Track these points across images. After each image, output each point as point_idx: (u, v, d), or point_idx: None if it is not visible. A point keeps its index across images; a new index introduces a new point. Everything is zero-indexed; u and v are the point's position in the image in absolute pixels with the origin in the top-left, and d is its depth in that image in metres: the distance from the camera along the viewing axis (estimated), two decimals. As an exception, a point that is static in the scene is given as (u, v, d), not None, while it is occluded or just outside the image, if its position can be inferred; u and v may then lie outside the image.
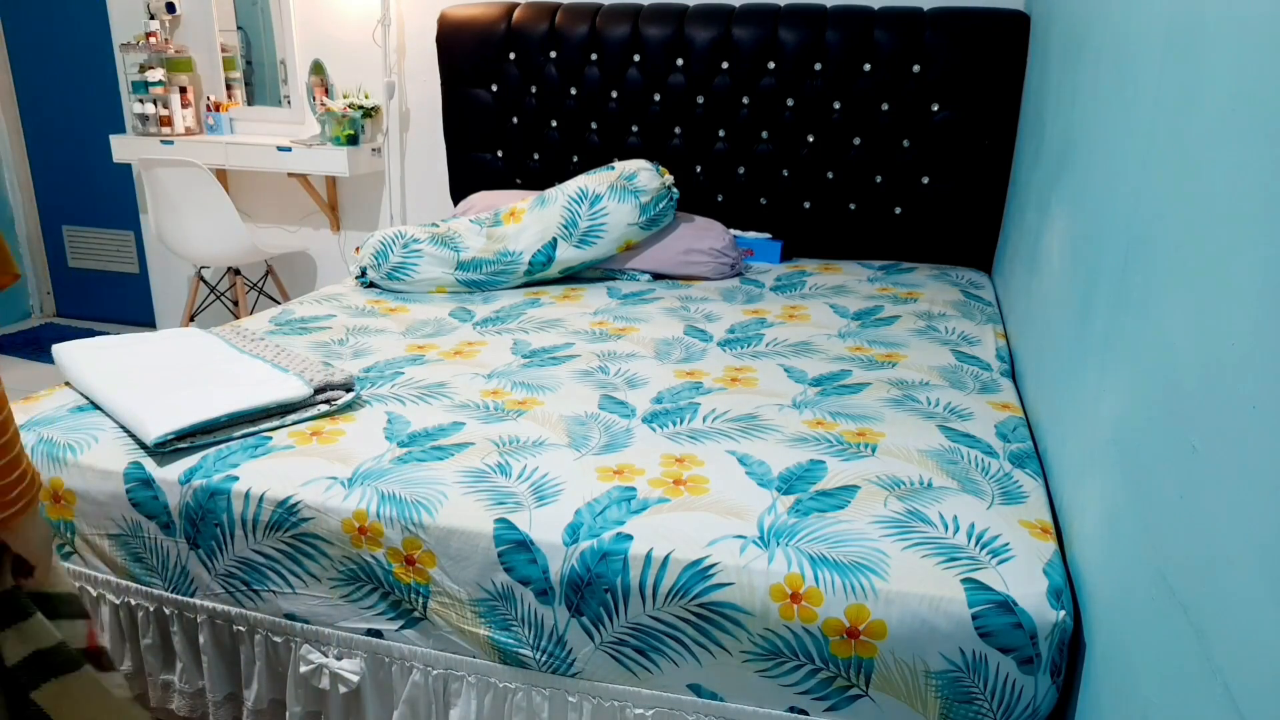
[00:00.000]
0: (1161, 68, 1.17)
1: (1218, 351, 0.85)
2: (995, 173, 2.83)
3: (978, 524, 1.35)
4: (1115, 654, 1.08)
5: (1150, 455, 1.02)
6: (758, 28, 2.92)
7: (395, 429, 1.65)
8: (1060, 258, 1.73)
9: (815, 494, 1.43)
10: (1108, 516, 1.17)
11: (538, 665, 1.39)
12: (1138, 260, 1.16)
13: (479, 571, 1.38)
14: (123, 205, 4.21)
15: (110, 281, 4.44)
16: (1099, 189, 1.46)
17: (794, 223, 3.08)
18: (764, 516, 1.37)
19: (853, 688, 1.27)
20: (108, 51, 3.92)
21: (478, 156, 3.36)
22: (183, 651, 1.61)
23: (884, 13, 2.86)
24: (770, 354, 2.10)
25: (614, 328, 2.28)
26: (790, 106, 2.95)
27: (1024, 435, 1.68)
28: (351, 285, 2.73)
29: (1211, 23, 0.98)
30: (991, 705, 1.23)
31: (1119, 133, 1.36)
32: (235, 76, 3.82)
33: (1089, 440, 1.32)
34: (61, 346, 1.90)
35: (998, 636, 1.20)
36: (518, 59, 3.18)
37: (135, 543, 1.58)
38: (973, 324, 2.32)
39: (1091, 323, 1.39)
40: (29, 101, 4.29)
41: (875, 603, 1.24)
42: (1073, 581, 1.30)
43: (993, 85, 2.77)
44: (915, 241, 3.00)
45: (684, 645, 1.31)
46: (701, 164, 3.10)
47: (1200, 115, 0.99)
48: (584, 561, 1.33)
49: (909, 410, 1.76)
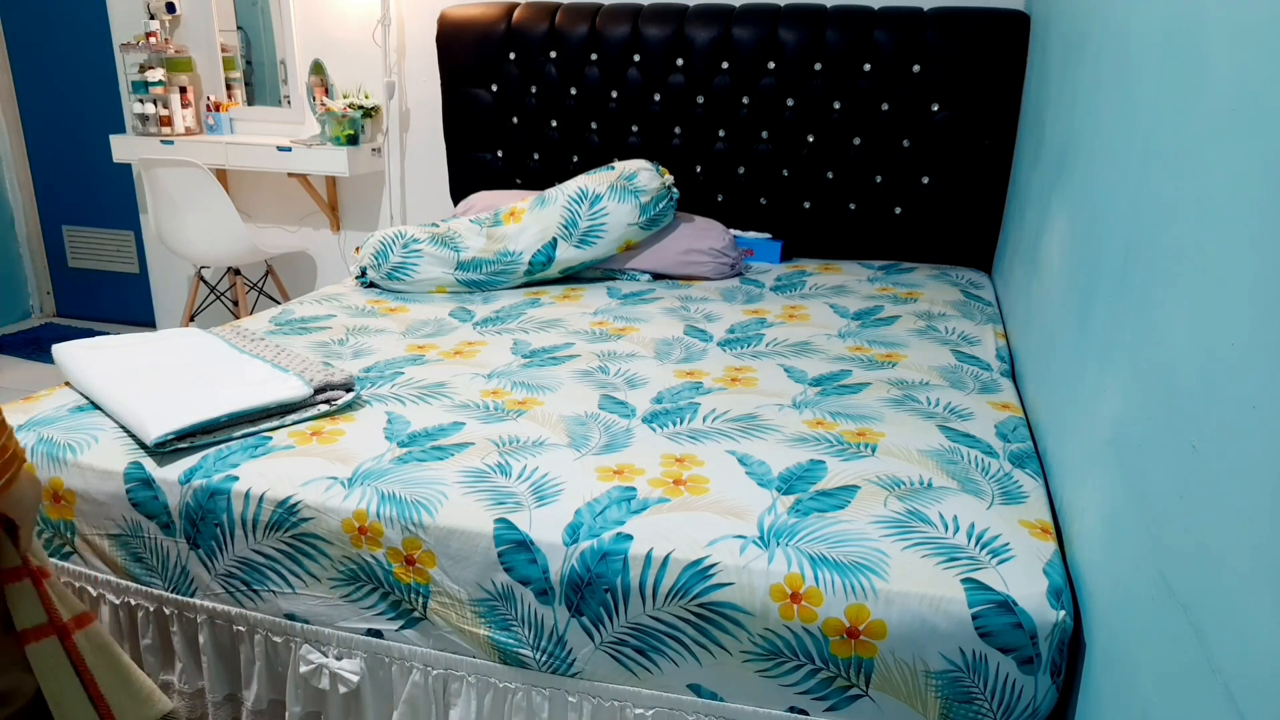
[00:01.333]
0: (1161, 68, 1.17)
1: (1218, 351, 0.85)
2: (995, 173, 2.83)
3: (978, 524, 1.35)
4: (1115, 654, 1.08)
5: (1150, 455, 1.02)
6: (758, 28, 2.92)
7: (395, 429, 1.65)
8: (1060, 258, 1.73)
9: (815, 494, 1.43)
10: (1108, 516, 1.17)
11: (538, 665, 1.39)
12: (1138, 260, 1.16)
13: (479, 571, 1.38)
14: (123, 205, 4.21)
15: (110, 281, 4.44)
16: (1099, 189, 1.46)
17: (794, 223, 3.08)
18: (764, 516, 1.37)
19: (853, 688, 1.27)
20: (108, 51, 3.92)
21: (478, 156, 3.36)
22: (182, 651, 1.61)
23: (884, 13, 2.86)
24: (770, 354, 2.10)
25: (614, 328, 2.28)
26: (790, 106, 2.95)
27: (1024, 435, 1.68)
28: (351, 285, 2.73)
29: (1211, 23, 0.98)
30: (991, 705, 1.23)
31: (1119, 133, 1.36)
32: (235, 76, 3.82)
33: (1089, 440, 1.32)
34: (61, 346, 1.90)
35: (998, 636, 1.20)
36: (518, 59, 3.18)
37: (135, 543, 1.58)
38: (973, 324, 2.32)
39: (1091, 323, 1.39)
40: (29, 101, 4.29)
41: (875, 603, 1.24)
42: (1073, 581, 1.30)
43: (993, 85, 2.77)
44: (915, 241, 3.00)
45: (684, 645, 1.31)
46: (701, 164, 3.10)
47: (1200, 115, 0.99)
48: (584, 561, 1.33)
49: (909, 410, 1.76)
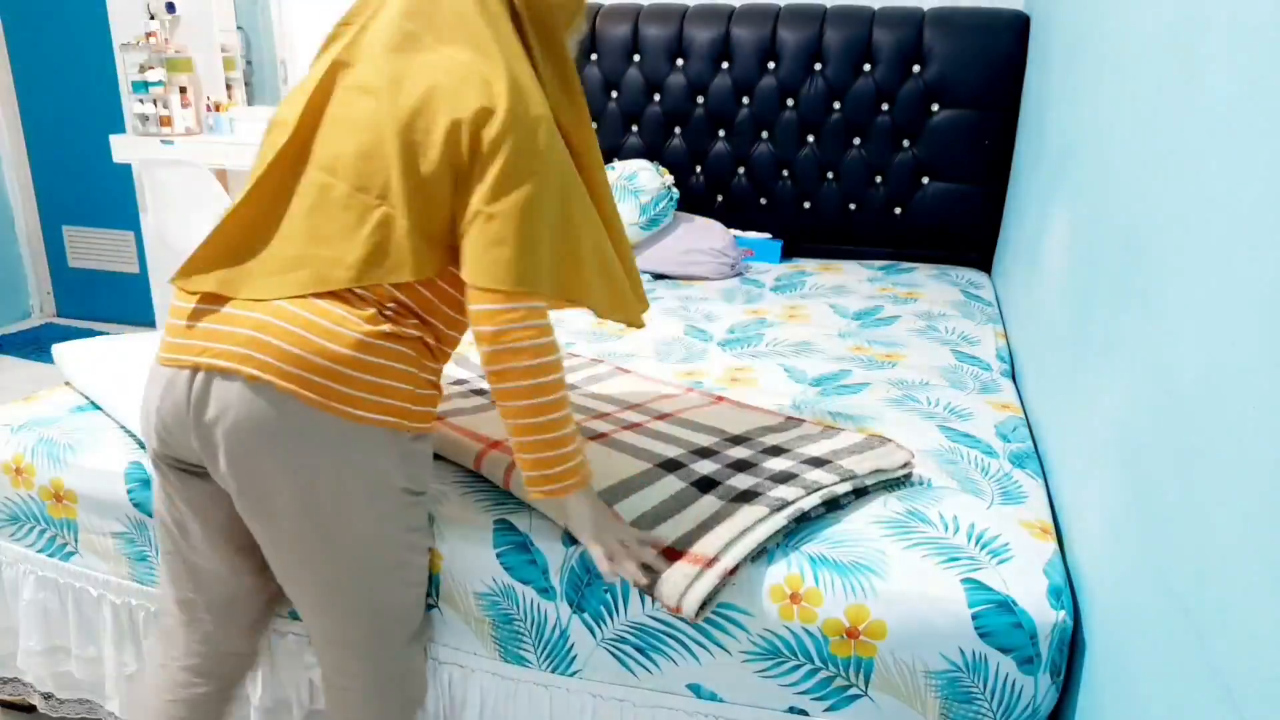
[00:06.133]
0: (1161, 68, 1.17)
1: (1218, 351, 0.85)
2: (995, 173, 2.83)
3: (978, 524, 1.35)
4: (1115, 654, 1.08)
5: (1150, 455, 1.02)
6: (758, 28, 2.92)
7: (395, 429, 1.65)
8: (1060, 258, 1.73)
9: (815, 494, 1.43)
10: (1108, 516, 1.17)
11: (539, 663, 1.40)
12: (1138, 260, 1.17)
13: (479, 571, 1.38)
14: (123, 205, 4.21)
15: (110, 281, 4.44)
16: (1099, 189, 1.46)
17: (794, 223, 3.08)
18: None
19: (852, 688, 1.27)
20: (108, 51, 3.92)
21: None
22: (183, 651, 1.61)
23: (884, 13, 2.86)
24: (770, 354, 2.10)
25: (614, 328, 2.28)
26: (790, 106, 2.95)
27: (1024, 435, 1.68)
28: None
29: (1211, 23, 0.98)
30: (991, 705, 1.23)
31: (1119, 133, 1.37)
32: (235, 76, 3.82)
33: (1089, 440, 1.32)
34: (61, 346, 1.90)
35: (997, 636, 1.20)
36: (518, 59, 3.17)
37: (138, 543, 1.58)
38: (973, 324, 2.32)
39: (1091, 323, 1.39)
40: (29, 101, 4.29)
41: (875, 603, 1.24)
42: (1073, 581, 1.30)
43: (992, 85, 2.77)
44: (915, 242, 3.00)
45: (683, 645, 1.31)
46: (701, 164, 3.10)
47: (1200, 115, 0.99)
48: (583, 561, 1.33)
49: (909, 410, 1.76)
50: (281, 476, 1.16)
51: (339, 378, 1.13)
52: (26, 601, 1.67)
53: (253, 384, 1.13)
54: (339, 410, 1.13)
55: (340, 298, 1.16)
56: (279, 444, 1.14)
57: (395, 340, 1.17)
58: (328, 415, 1.13)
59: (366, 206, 1.17)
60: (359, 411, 1.14)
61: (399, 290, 1.19)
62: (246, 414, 1.13)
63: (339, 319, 1.14)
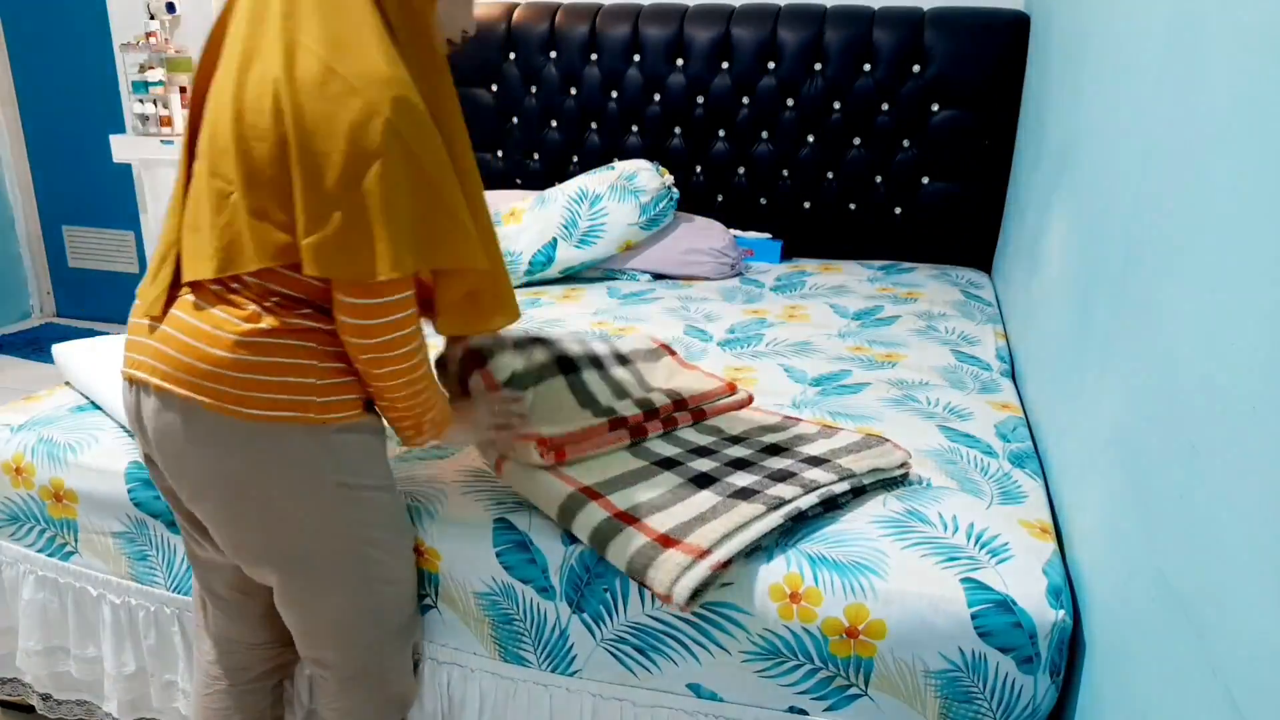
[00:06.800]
0: (1161, 68, 1.17)
1: (1218, 351, 0.85)
2: (995, 173, 2.83)
3: (977, 524, 1.35)
4: (1115, 654, 1.08)
5: (1150, 455, 1.02)
6: (758, 28, 2.92)
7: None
8: (1060, 258, 1.73)
9: (815, 494, 1.43)
10: (1107, 516, 1.17)
11: (539, 663, 1.40)
12: (1138, 260, 1.16)
13: (479, 570, 1.38)
14: (123, 205, 4.20)
15: (110, 281, 4.44)
16: (1099, 189, 1.46)
17: (794, 223, 3.08)
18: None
19: (852, 687, 1.27)
20: (108, 51, 3.92)
21: (477, 156, 3.35)
22: (184, 651, 1.61)
23: (884, 13, 2.86)
24: (770, 354, 2.10)
25: (614, 327, 2.28)
26: (790, 106, 2.95)
27: (1024, 435, 1.68)
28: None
29: (1211, 23, 0.98)
30: (991, 705, 1.23)
31: (1119, 133, 1.37)
32: (235, 76, 3.81)
33: (1089, 440, 1.32)
34: (61, 346, 1.90)
35: (997, 636, 1.20)
36: (517, 59, 3.18)
37: (138, 542, 1.58)
38: (973, 324, 2.32)
39: (1091, 323, 1.39)
40: (29, 101, 4.29)
41: (874, 602, 1.24)
42: (1072, 581, 1.30)
43: (993, 85, 2.77)
44: (915, 241, 3.00)
45: (683, 645, 1.31)
46: (701, 164, 3.10)
47: (1200, 115, 0.99)
48: (583, 561, 1.33)
49: (909, 410, 1.76)
50: (207, 481, 1.18)
51: (225, 380, 1.12)
52: (26, 601, 1.67)
53: (160, 395, 1.15)
54: (235, 412, 1.13)
55: (223, 298, 1.14)
56: (196, 450, 1.16)
57: (283, 334, 1.14)
58: (227, 418, 1.13)
59: (221, 193, 1.12)
60: (255, 410, 1.13)
61: (270, 281, 1.14)
62: (164, 424, 1.16)
63: (219, 321, 1.13)
